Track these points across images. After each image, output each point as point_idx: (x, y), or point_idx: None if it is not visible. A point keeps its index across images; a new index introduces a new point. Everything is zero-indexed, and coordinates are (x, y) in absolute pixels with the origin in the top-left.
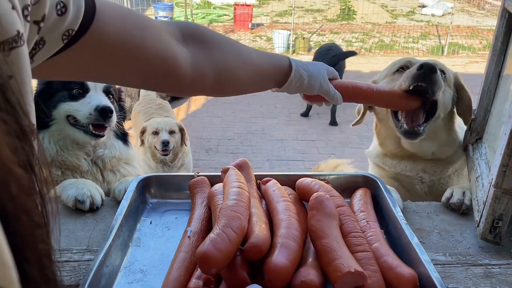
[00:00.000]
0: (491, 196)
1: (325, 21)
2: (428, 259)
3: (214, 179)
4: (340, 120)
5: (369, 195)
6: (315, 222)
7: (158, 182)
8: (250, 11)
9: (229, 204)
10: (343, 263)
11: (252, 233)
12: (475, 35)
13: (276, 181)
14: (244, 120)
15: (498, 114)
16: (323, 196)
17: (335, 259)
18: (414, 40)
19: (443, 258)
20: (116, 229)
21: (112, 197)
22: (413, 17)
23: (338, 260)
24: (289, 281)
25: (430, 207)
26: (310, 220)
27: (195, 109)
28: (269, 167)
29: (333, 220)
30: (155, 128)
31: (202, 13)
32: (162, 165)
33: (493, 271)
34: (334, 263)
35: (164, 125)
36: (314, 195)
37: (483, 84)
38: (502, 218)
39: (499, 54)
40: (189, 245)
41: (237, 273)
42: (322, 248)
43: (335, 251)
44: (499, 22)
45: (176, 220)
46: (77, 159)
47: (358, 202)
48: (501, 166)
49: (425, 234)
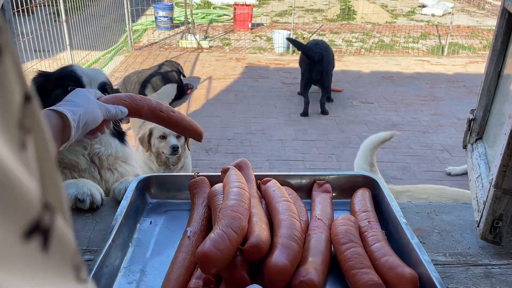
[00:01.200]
0: (491, 196)
1: (325, 21)
2: (428, 259)
3: (214, 179)
4: (340, 120)
5: (369, 195)
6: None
7: (158, 182)
8: (250, 11)
9: (229, 204)
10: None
11: (252, 233)
12: (475, 35)
13: (276, 181)
14: (244, 120)
15: (498, 114)
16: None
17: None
18: (414, 40)
19: (443, 258)
20: (116, 229)
21: (111, 197)
22: (413, 17)
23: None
24: (289, 281)
25: (430, 207)
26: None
27: (195, 109)
28: (269, 167)
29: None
30: (163, 132)
31: (202, 13)
32: (164, 168)
33: (493, 271)
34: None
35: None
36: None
37: (483, 84)
38: (502, 218)
39: (499, 54)
40: (189, 245)
41: (237, 273)
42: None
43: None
44: (499, 22)
45: (176, 220)
46: (75, 156)
47: (359, 202)
48: (501, 166)
49: (425, 234)
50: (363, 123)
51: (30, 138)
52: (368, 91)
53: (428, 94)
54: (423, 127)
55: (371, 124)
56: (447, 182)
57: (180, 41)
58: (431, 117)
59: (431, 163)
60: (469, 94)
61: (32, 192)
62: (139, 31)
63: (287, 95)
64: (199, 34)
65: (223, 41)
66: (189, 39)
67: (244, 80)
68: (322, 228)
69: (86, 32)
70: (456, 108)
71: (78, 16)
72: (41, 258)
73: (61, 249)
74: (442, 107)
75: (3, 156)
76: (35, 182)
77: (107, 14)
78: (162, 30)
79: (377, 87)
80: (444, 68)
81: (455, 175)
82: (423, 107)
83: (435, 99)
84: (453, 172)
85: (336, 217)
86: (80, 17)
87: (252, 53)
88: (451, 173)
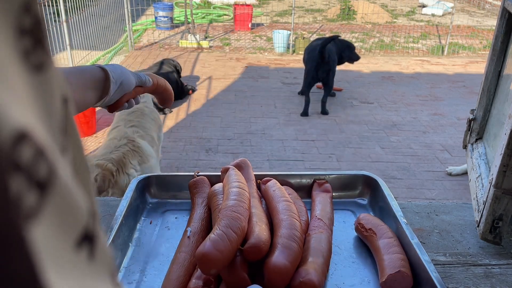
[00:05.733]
0: (491, 196)
1: (325, 21)
2: (428, 259)
3: (214, 179)
4: (340, 120)
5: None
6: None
7: (158, 182)
8: (250, 11)
9: (229, 204)
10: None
11: (252, 233)
12: (475, 35)
13: (276, 181)
14: (244, 120)
15: (498, 114)
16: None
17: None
18: (414, 40)
19: (443, 258)
20: (116, 229)
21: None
22: (413, 17)
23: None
24: (289, 281)
25: (430, 207)
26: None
27: (195, 109)
28: (269, 167)
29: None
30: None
31: (202, 13)
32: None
33: (493, 271)
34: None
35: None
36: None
37: (483, 84)
38: (502, 218)
39: (499, 54)
40: (189, 245)
41: (237, 273)
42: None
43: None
44: (499, 22)
45: (176, 220)
46: None
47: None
48: (501, 166)
49: (425, 234)
50: (363, 123)
51: (70, 141)
52: (368, 91)
53: (428, 94)
54: (423, 127)
55: (371, 124)
56: (447, 182)
57: (180, 41)
58: (431, 117)
59: (431, 163)
60: (469, 94)
61: (81, 199)
62: (139, 31)
63: (287, 95)
64: (199, 34)
65: (223, 41)
66: (189, 39)
67: (244, 80)
68: (322, 228)
69: (86, 32)
70: (456, 108)
71: (78, 16)
72: (89, 265)
73: (103, 257)
74: (442, 107)
75: (57, 167)
76: (81, 188)
77: (107, 14)
78: (162, 30)
79: (377, 87)
80: (444, 68)
81: (455, 175)
82: (423, 107)
83: (435, 99)
84: (454, 172)
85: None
86: (80, 17)
87: (252, 53)
88: (452, 173)
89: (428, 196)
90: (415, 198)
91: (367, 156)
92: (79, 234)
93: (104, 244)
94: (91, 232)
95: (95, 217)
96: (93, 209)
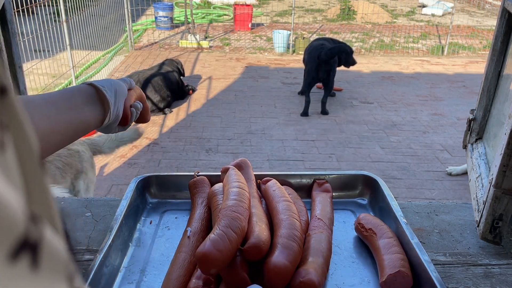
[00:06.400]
0: (491, 196)
1: (325, 21)
2: (428, 259)
3: (214, 179)
4: (340, 120)
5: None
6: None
7: (158, 182)
8: (250, 11)
9: (229, 204)
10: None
11: (252, 233)
12: (475, 35)
13: (276, 180)
14: (244, 120)
15: (498, 114)
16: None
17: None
18: (414, 40)
19: (443, 258)
20: (116, 229)
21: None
22: (413, 17)
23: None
24: (289, 281)
25: (430, 207)
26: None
27: (195, 109)
28: (269, 167)
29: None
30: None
31: (202, 13)
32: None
33: (493, 271)
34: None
35: None
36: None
37: (483, 84)
38: (502, 218)
39: (499, 54)
40: (189, 245)
41: (237, 273)
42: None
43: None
44: (499, 22)
45: (176, 220)
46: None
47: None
48: (501, 166)
49: (425, 234)
50: (363, 123)
51: (9, 136)
52: (368, 91)
53: (428, 94)
54: (423, 127)
55: (371, 124)
56: (447, 182)
57: (180, 41)
58: (431, 117)
59: (431, 163)
60: (469, 94)
61: (15, 204)
62: (139, 31)
63: (287, 95)
64: (199, 34)
65: (223, 41)
66: (189, 39)
67: (244, 80)
68: (322, 228)
69: (86, 32)
70: (456, 108)
71: (78, 16)
72: (31, 277)
73: (52, 263)
74: (442, 107)
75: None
76: (17, 191)
77: (107, 14)
78: (162, 30)
79: (377, 87)
80: (444, 68)
81: (455, 175)
82: (423, 107)
83: (435, 99)
84: (454, 172)
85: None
86: (80, 17)
87: (252, 53)
88: (452, 173)
89: (428, 196)
90: (415, 198)
91: (367, 156)
92: (12, 244)
93: (55, 248)
94: (33, 238)
95: (39, 220)
96: (34, 212)
